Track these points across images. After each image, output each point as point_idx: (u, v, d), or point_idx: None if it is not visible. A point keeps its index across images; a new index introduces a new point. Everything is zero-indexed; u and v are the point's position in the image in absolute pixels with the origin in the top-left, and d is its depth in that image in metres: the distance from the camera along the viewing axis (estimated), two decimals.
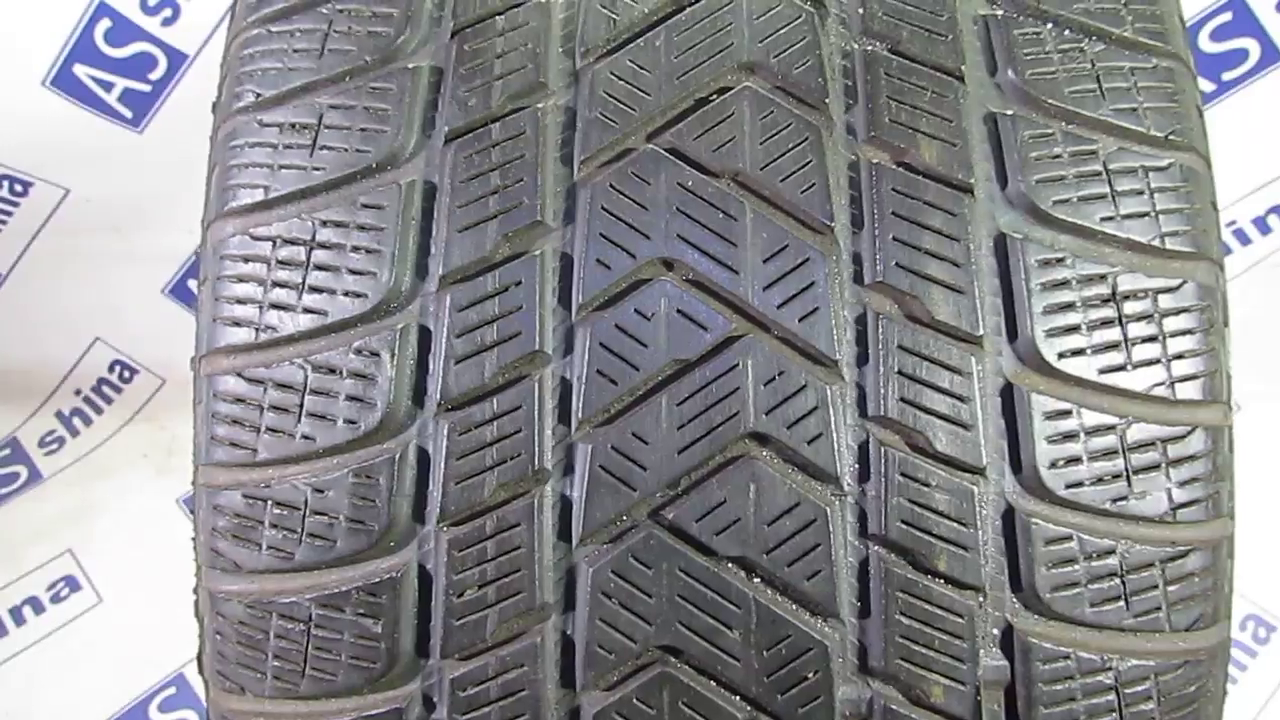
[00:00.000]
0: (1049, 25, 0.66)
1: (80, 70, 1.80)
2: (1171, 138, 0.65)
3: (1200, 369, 0.63)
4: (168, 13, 1.79)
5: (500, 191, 0.63)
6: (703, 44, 0.65)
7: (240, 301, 0.64)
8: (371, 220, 0.63)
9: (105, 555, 1.97)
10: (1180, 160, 0.65)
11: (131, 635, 1.84)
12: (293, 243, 0.64)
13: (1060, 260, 0.62)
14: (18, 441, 2.13)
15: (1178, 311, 0.63)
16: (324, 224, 0.64)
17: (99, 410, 2.16)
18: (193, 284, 2.07)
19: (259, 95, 0.67)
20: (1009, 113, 0.64)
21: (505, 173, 0.63)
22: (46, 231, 1.99)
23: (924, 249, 0.62)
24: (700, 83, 0.64)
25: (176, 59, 1.82)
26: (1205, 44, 1.76)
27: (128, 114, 1.85)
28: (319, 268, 0.63)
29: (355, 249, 0.63)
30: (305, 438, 0.62)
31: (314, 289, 0.63)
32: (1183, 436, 0.62)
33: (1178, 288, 0.63)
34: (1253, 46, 1.74)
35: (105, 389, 2.16)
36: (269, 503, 0.63)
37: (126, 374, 2.16)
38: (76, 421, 2.15)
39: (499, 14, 0.67)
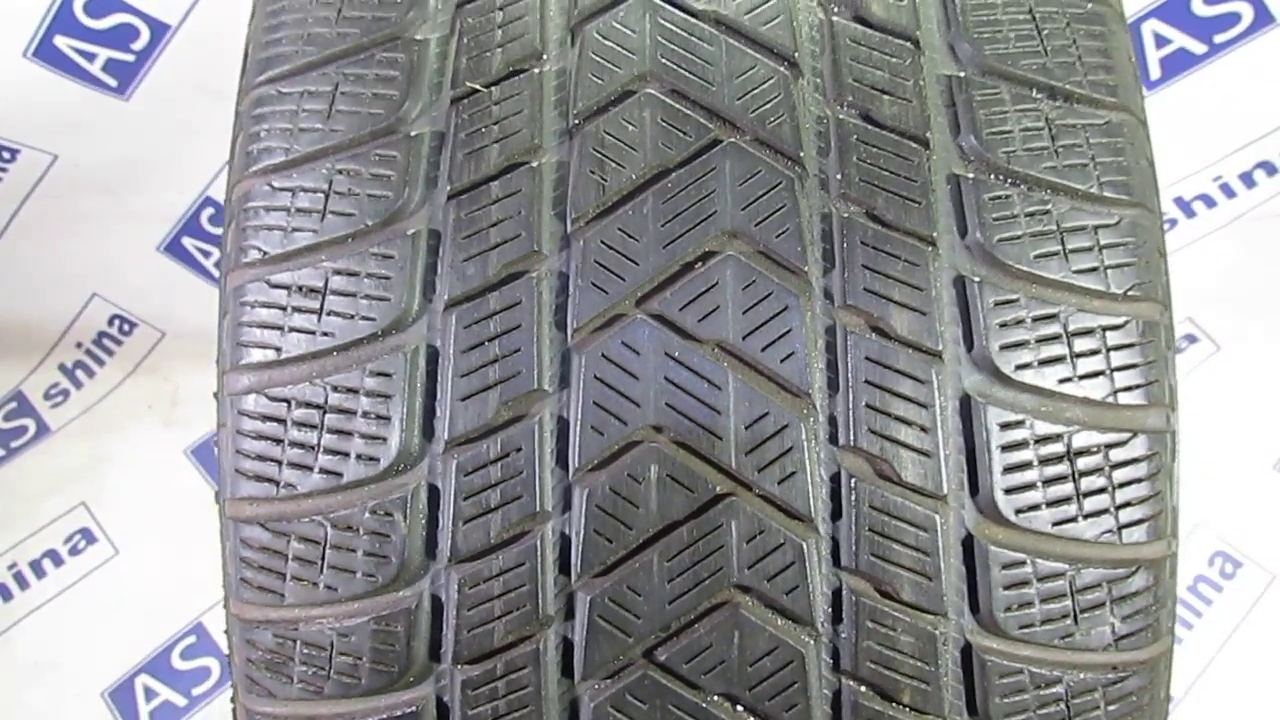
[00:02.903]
0: (1019, 186, 0.69)
1: (61, 41, 1.79)
2: (1130, 293, 0.69)
3: (1146, 513, 0.68)
4: None
5: (499, 361, 0.67)
6: (688, 211, 0.68)
7: (259, 458, 0.69)
8: (379, 387, 0.68)
9: (118, 508, 2.05)
10: (1138, 315, 0.69)
11: (149, 586, 1.92)
12: (306, 405, 0.68)
13: (1020, 422, 0.67)
14: (23, 395, 2.18)
15: (1127, 462, 0.68)
16: (335, 389, 0.68)
17: (101, 363, 2.21)
18: (187, 241, 2.09)
19: (265, 253, 0.70)
20: (977, 279, 0.68)
21: (504, 342, 0.67)
22: (37, 195, 2.00)
23: (894, 414, 0.66)
24: (685, 250, 0.68)
25: (159, 29, 1.80)
26: (1199, 8, 1.77)
27: (112, 83, 1.85)
28: (332, 431, 0.68)
29: (365, 414, 0.68)
30: (328, 587, 0.68)
31: (328, 450, 0.68)
32: (1126, 577, 0.68)
33: (1128, 441, 0.68)
34: (1245, 10, 1.75)
35: (106, 342, 2.20)
36: (298, 642, 0.69)
37: (126, 327, 2.19)
38: (80, 374, 2.19)
39: (493, 179, 0.69)
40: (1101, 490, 0.67)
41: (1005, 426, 0.67)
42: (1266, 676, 1.75)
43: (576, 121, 0.70)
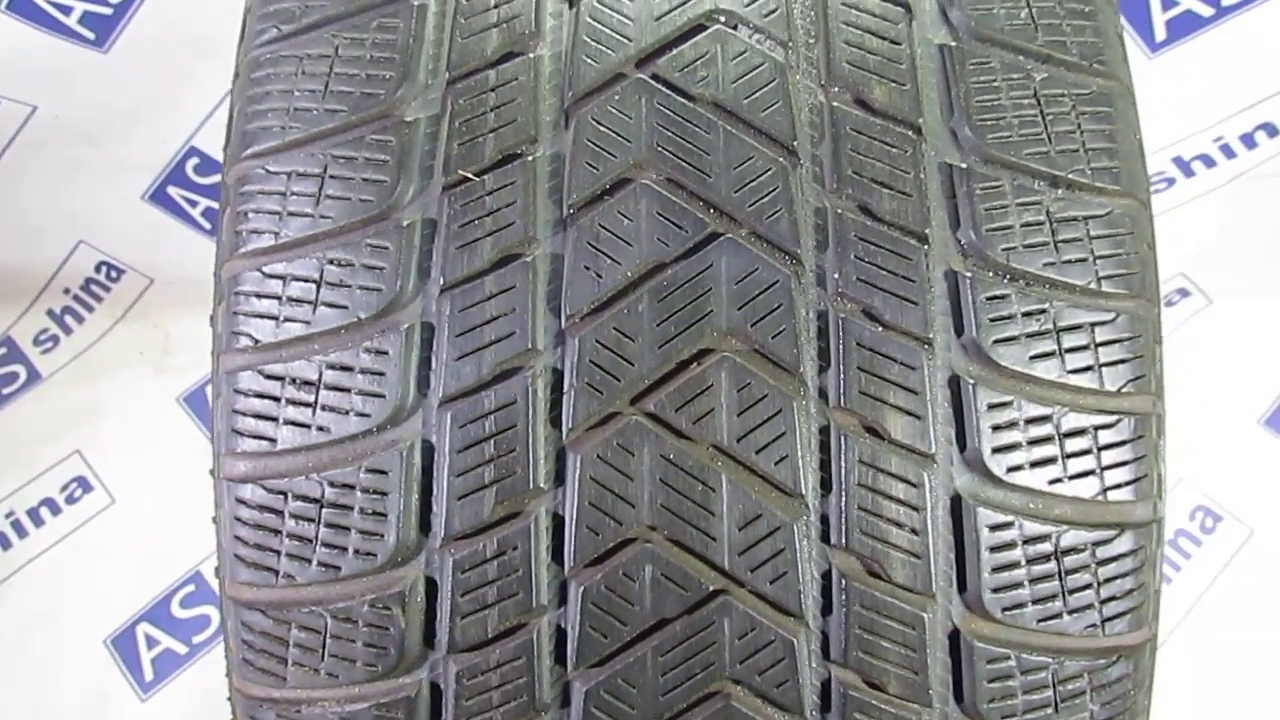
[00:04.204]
0: (1017, 283, 0.68)
1: None
2: (1124, 390, 0.69)
3: (1130, 605, 0.70)
4: None
5: (495, 461, 0.67)
6: (684, 309, 0.67)
7: (257, 547, 0.70)
8: (375, 484, 0.68)
9: (113, 456, 2.05)
10: (1131, 410, 0.69)
11: (146, 535, 1.94)
12: (303, 499, 0.69)
13: (1009, 523, 0.68)
14: (13, 340, 2.17)
15: (1113, 558, 0.69)
16: (331, 484, 0.68)
17: (90, 309, 2.20)
18: (173, 190, 2.07)
19: (257, 341, 0.70)
20: (972, 381, 0.68)
21: (499, 442, 0.67)
22: (18, 144, 1.97)
23: (885, 517, 0.67)
24: (680, 349, 0.67)
25: None
26: None
27: (90, 36, 1.81)
28: (329, 525, 0.69)
29: (362, 511, 0.68)
30: (329, 674, 0.70)
31: (326, 544, 0.69)
32: (1107, 666, 0.70)
33: (1115, 537, 0.69)
34: None
35: (94, 288, 2.19)
36: None
37: (114, 274, 2.18)
38: (69, 320, 2.19)
39: (486, 273, 0.68)
40: (1087, 586, 0.69)
41: (995, 528, 0.68)
42: (1240, 629, 1.80)
43: (571, 211, 0.69)
